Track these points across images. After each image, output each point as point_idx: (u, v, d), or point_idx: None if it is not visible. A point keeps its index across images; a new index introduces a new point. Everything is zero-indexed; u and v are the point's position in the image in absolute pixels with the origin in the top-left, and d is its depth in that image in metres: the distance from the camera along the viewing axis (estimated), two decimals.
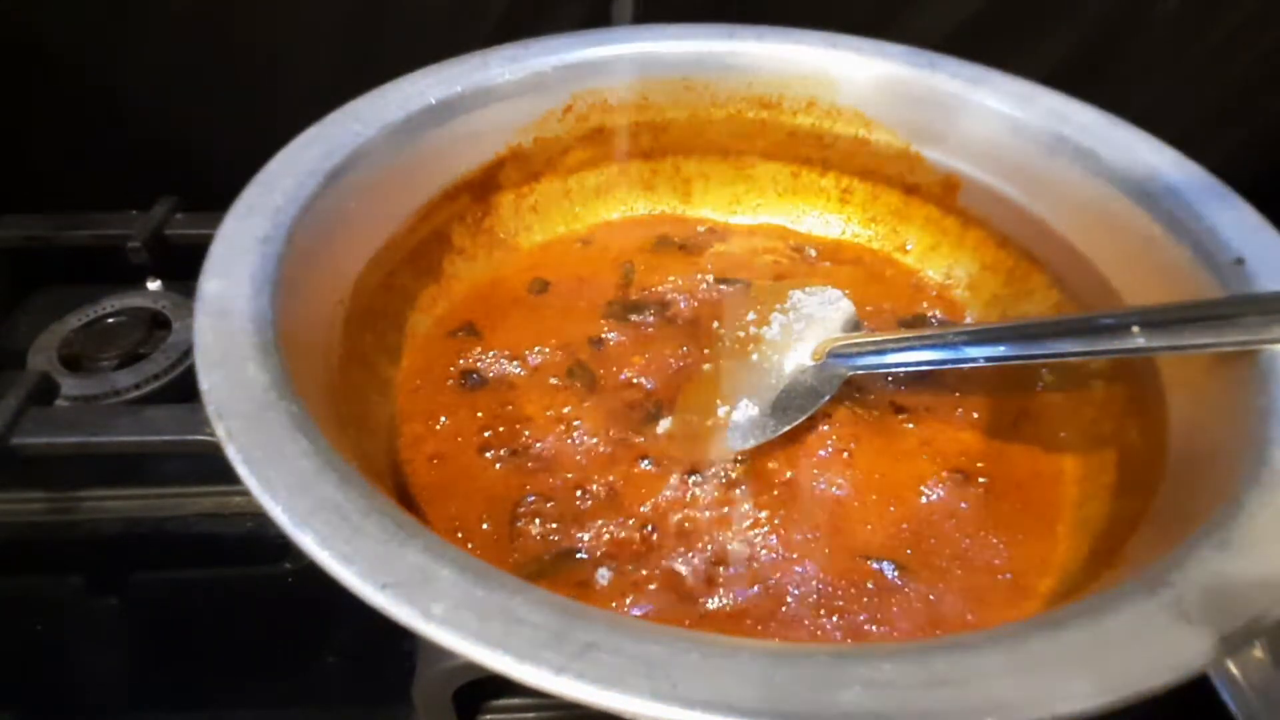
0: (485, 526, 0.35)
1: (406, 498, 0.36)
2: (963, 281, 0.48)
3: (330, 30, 0.57)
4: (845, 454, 0.38)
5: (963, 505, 0.37)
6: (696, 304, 0.45)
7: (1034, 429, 0.41)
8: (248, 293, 0.32)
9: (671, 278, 0.47)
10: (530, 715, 0.39)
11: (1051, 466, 0.39)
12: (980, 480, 0.38)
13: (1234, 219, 0.38)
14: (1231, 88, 0.60)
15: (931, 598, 0.33)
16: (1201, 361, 0.34)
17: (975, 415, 0.41)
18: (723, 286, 0.46)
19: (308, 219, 0.36)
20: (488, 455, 0.38)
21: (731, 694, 0.21)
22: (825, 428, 0.38)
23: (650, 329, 0.44)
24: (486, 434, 0.39)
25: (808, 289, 0.43)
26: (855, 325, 0.42)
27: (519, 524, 0.35)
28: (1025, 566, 0.35)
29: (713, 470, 0.37)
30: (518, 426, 0.39)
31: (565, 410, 0.39)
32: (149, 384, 0.48)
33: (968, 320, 0.47)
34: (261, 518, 0.25)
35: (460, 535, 0.35)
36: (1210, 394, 0.33)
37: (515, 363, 0.42)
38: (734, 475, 0.37)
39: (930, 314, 0.47)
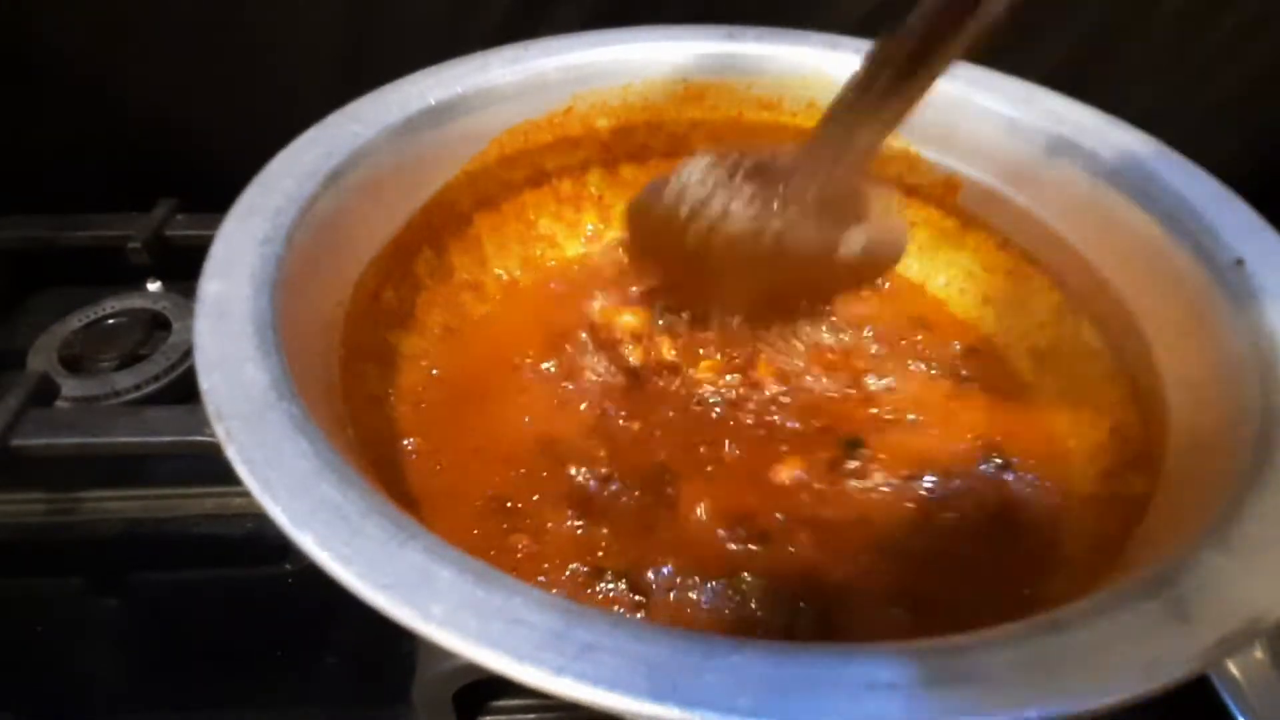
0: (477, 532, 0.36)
1: (407, 498, 0.36)
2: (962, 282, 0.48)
3: (330, 31, 0.57)
4: None
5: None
6: None
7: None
8: (248, 293, 0.32)
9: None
10: (530, 716, 0.39)
11: None
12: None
13: (1234, 219, 0.38)
14: (1231, 88, 0.60)
15: None
16: (1202, 361, 0.34)
17: None
18: None
19: (308, 220, 0.36)
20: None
21: (731, 694, 0.21)
22: None
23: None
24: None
25: None
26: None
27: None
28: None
29: None
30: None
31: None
32: (149, 385, 0.48)
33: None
34: (262, 518, 0.25)
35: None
36: (1210, 394, 0.33)
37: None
38: None
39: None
